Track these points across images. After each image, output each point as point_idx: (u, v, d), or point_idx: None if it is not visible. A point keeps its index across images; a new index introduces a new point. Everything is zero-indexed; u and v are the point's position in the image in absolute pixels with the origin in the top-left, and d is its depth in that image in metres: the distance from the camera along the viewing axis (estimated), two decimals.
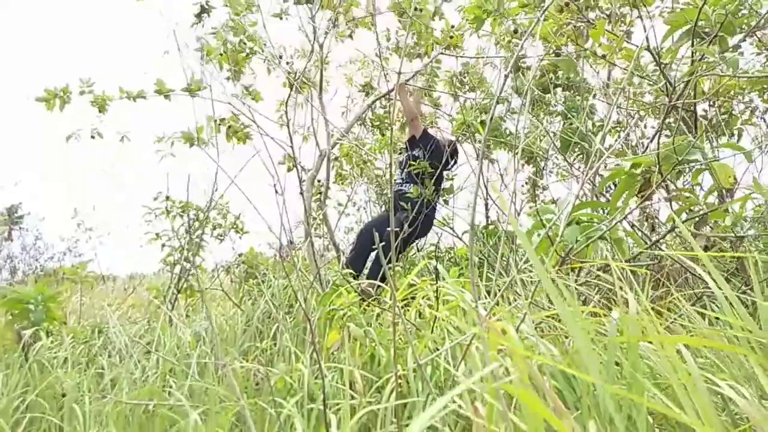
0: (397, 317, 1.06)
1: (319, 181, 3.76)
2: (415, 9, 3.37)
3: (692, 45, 1.95)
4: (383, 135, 4.50)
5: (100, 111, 3.26)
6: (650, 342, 1.18)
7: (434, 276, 1.53)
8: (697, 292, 2.24)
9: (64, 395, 2.30)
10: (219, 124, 3.30)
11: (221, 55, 3.20)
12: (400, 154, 4.17)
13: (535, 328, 1.49)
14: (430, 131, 4.10)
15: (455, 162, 4.08)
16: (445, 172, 4.33)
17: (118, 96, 3.36)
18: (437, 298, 1.34)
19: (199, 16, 3.49)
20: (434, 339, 1.38)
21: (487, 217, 4.59)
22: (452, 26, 3.54)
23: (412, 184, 3.76)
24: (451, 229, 4.23)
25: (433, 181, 3.63)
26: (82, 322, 3.51)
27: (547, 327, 1.69)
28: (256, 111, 2.69)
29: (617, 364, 1.13)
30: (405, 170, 3.81)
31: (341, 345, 1.63)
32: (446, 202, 4.77)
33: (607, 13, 2.43)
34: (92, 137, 3.34)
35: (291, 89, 2.98)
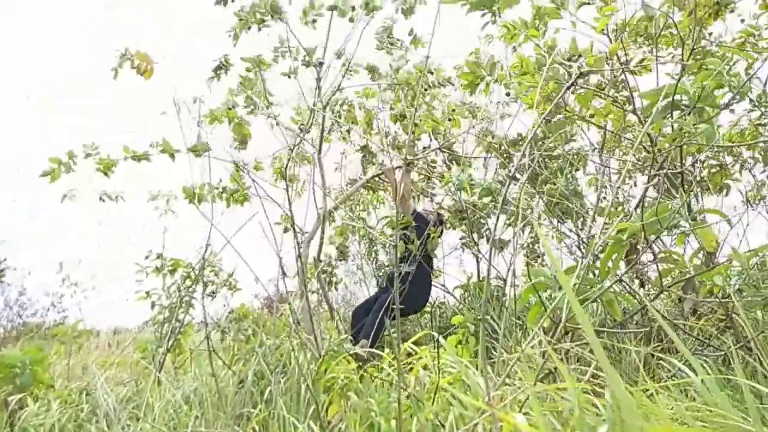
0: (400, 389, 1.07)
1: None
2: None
3: (670, 117, 2.07)
4: (374, 192, 4.60)
5: (105, 174, 3.26)
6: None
7: (434, 344, 1.55)
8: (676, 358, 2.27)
9: None
10: (222, 192, 3.33)
11: (228, 110, 3.23)
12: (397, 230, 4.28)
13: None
14: (419, 209, 4.26)
15: (441, 231, 4.20)
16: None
17: (122, 157, 3.35)
18: (438, 368, 1.35)
19: (216, 71, 3.55)
20: (436, 411, 1.38)
21: (479, 272, 4.66)
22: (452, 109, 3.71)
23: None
24: (442, 285, 4.27)
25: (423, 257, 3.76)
26: (69, 384, 3.42)
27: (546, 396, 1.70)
28: (256, 174, 2.74)
29: None
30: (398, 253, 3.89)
31: (342, 416, 1.62)
32: (435, 256, 4.83)
33: (607, 79, 2.59)
34: (101, 199, 3.33)
35: (291, 150, 3.04)
